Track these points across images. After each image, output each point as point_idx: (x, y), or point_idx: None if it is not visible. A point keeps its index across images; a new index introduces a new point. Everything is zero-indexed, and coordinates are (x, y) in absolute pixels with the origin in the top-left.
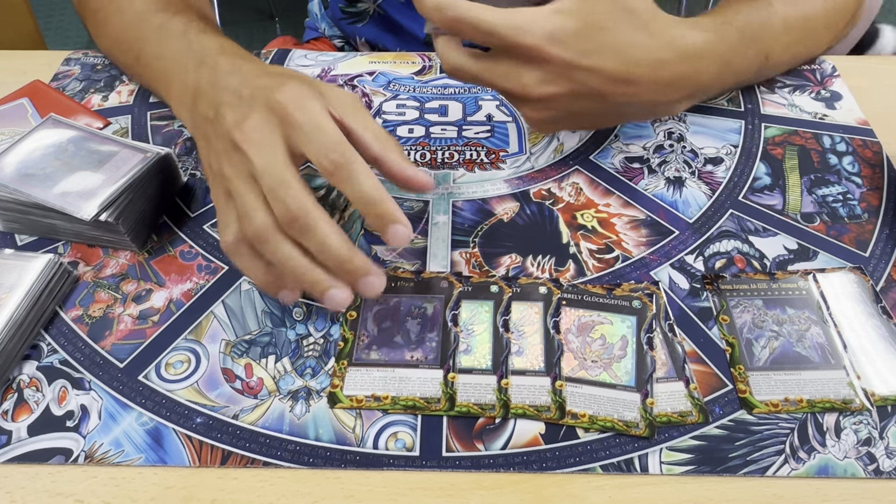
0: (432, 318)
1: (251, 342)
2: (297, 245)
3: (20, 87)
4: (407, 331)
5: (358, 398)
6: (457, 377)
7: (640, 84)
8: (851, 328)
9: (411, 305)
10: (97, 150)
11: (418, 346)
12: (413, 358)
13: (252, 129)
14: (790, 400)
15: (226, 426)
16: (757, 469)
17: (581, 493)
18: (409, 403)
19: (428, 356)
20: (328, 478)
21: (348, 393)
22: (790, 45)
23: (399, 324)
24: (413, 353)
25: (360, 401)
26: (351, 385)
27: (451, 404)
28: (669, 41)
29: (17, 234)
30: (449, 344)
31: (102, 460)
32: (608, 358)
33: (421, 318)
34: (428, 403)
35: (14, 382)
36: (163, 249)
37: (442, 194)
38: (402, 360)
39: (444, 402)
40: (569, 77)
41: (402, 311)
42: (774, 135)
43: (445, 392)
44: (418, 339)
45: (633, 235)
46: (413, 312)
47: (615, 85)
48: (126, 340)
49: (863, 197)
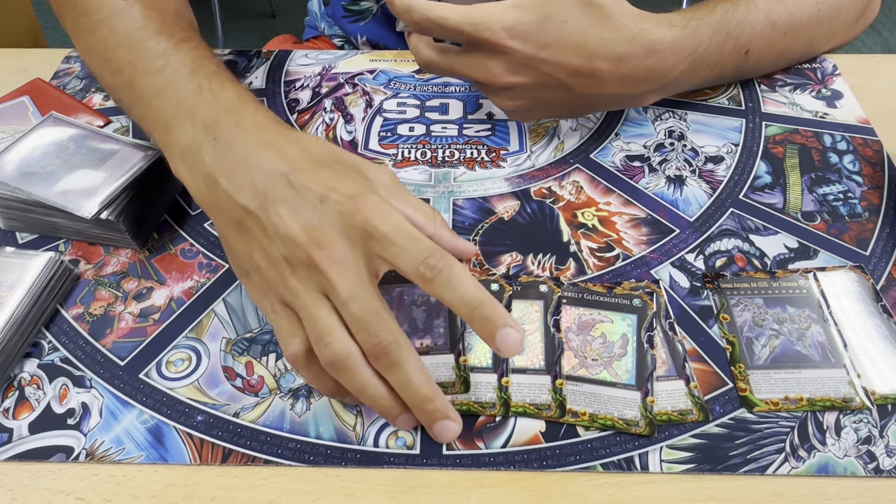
0: (437, 305)
1: (252, 340)
2: (375, 373)
3: (21, 85)
4: (413, 319)
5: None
6: (468, 360)
7: (601, 77)
8: (852, 327)
9: (415, 294)
10: (98, 148)
11: (426, 333)
12: (423, 345)
13: (334, 247)
14: (790, 398)
15: (226, 424)
16: (757, 467)
17: (581, 492)
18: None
19: (437, 342)
20: (329, 476)
21: None
22: (775, 41)
23: (405, 313)
24: (422, 340)
25: None
26: None
27: (465, 387)
28: (633, 36)
29: (18, 233)
30: (457, 328)
31: (103, 458)
32: (608, 356)
33: (426, 306)
34: (445, 388)
35: (15, 380)
36: (164, 247)
37: (442, 192)
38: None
39: (459, 385)
40: (533, 67)
41: (406, 300)
42: (775, 133)
43: (460, 375)
44: (426, 327)
45: (634, 234)
46: (417, 301)
47: (576, 77)
48: (127, 338)
49: (863, 195)
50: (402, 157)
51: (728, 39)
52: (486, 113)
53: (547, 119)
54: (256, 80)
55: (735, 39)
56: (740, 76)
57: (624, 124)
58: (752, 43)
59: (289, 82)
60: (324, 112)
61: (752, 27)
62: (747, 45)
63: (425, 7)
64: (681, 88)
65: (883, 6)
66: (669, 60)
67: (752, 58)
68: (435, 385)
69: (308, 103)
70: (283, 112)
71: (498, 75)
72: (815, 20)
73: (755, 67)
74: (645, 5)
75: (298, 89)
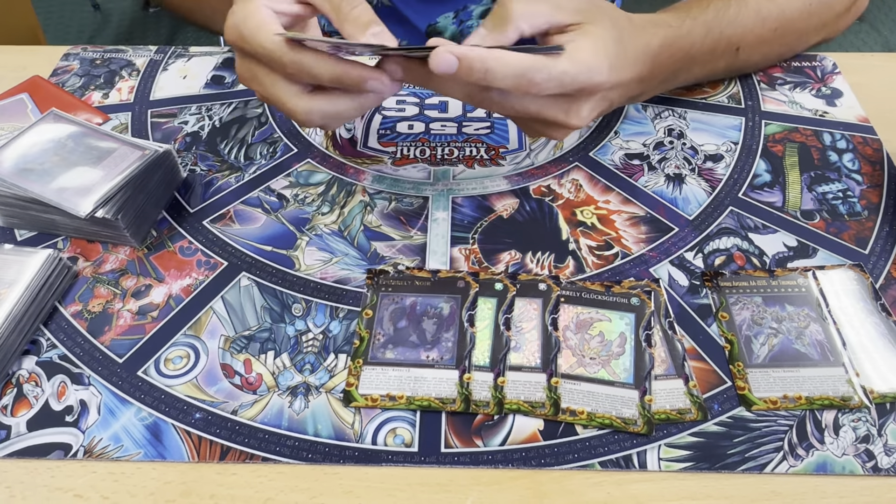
0: (448, 318)
1: (250, 338)
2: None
3: (20, 82)
4: (423, 331)
5: (373, 397)
6: (472, 377)
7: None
8: (851, 325)
9: (427, 305)
10: (96, 147)
11: (434, 346)
12: (429, 358)
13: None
14: (789, 397)
15: (225, 421)
16: (755, 466)
17: (579, 490)
18: (425, 404)
19: (444, 356)
20: (327, 473)
21: (364, 392)
22: (765, 38)
23: (415, 323)
24: (429, 352)
25: (375, 400)
26: (366, 384)
27: (466, 405)
28: (647, 44)
29: (17, 230)
30: (465, 344)
31: (101, 455)
32: (606, 355)
33: (437, 318)
34: (444, 404)
35: (13, 377)
36: (162, 245)
37: (441, 191)
38: (418, 360)
39: (460, 402)
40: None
41: (417, 311)
42: (775, 132)
43: (461, 393)
44: (434, 339)
45: (633, 232)
46: (429, 312)
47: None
48: (125, 336)
49: (863, 194)
50: (402, 155)
51: (721, 38)
52: (485, 111)
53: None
54: None
55: (728, 38)
56: (731, 73)
57: (623, 123)
58: (744, 40)
59: None
60: None
61: (743, 25)
62: (738, 43)
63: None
64: (671, 87)
65: (883, 6)
66: (667, 63)
67: (742, 55)
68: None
69: None
70: None
71: (586, 118)
72: (806, 14)
73: (746, 64)
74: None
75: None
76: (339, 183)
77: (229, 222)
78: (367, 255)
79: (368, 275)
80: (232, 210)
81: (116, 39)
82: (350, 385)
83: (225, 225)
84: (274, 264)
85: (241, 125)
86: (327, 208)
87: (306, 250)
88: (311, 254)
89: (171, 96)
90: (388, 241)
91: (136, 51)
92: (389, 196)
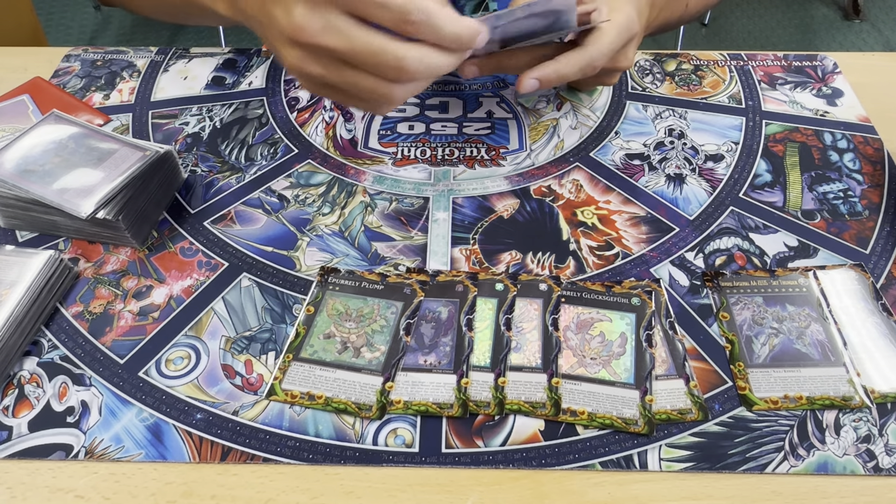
0: (447, 322)
1: (251, 338)
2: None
3: (21, 83)
4: (421, 335)
5: (293, 393)
6: (470, 382)
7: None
8: (852, 325)
9: (426, 309)
10: (97, 148)
11: (432, 350)
12: (427, 362)
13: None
14: (790, 397)
15: (226, 422)
16: (756, 466)
17: (580, 490)
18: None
19: (442, 360)
20: (328, 474)
21: (286, 387)
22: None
23: (413, 327)
24: (426, 357)
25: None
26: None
27: (464, 410)
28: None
29: (18, 231)
30: (463, 349)
31: (103, 456)
32: (607, 355)
33: (435, 322)
34: (442, 409)
35: (15, 378)
36: (163, 246)
37: (442, 191)
38: (416, 365)
39: (458, 407)
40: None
41: (417, 313)
42: (775, 132)
43: (459, 398)
44: (432, 344)
45: (634, 232)
46: (427, 316)
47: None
48: (126, 337)
49: (863, 194)
50: (402, 156)
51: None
52: (485, 111)
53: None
54: (256, 79)
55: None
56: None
57: (624, 122)
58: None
59: (288, 80)
60: (323, 110)
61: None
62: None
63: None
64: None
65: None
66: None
67: (689, 9)
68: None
69: (308, 102)
70: (283, 110)
71: (633, 58)
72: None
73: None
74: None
75: (298, 88)
76: (340, 183)
77: (230, 223)
78: (368, 255)
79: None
80: (233, 211)
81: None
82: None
83: (226, 226)
84: (275, 265)
85: (242, 126)
86: (328, 209)
87: (307, 251)
88: (311, 254)
89: (172, 97)
90: (389, 242)
91: (137, 52)
92: (390, 197)
